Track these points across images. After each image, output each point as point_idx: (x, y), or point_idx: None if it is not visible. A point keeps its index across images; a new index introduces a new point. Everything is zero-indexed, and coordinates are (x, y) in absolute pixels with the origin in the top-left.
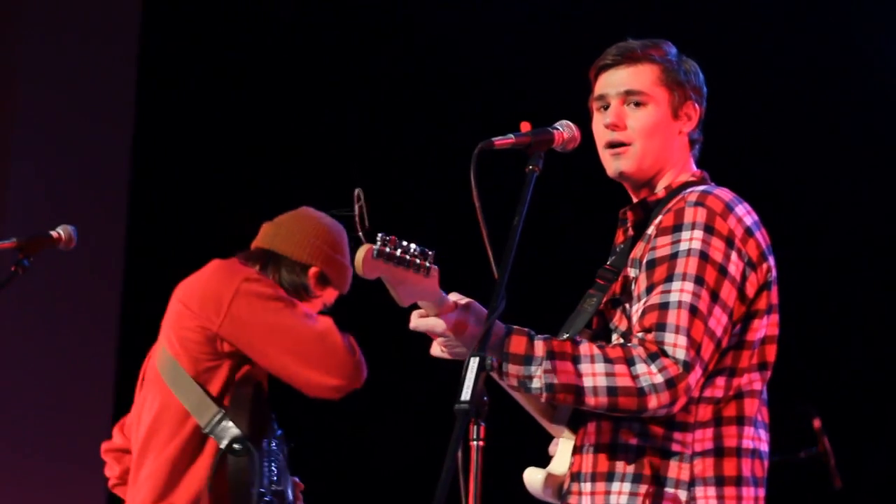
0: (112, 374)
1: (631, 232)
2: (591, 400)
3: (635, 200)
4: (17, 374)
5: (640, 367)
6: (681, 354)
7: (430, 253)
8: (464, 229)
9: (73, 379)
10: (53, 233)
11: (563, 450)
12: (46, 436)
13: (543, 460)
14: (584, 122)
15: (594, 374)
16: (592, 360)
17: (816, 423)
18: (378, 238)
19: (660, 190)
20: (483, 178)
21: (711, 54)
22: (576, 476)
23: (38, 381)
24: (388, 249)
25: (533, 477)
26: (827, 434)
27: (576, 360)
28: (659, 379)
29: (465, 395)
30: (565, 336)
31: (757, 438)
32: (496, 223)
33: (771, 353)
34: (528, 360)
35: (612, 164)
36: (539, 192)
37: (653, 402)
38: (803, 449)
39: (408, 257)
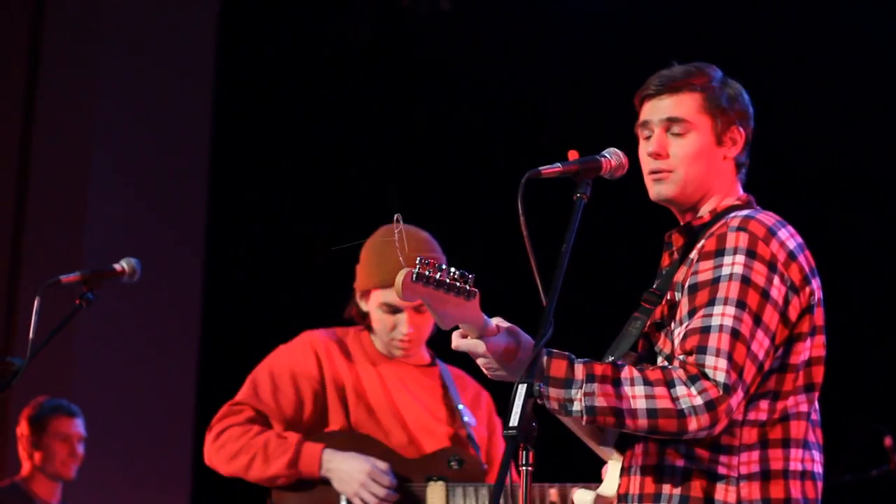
0: (192, 399)
1: (676, 255)
2: (631, 422)
3: (682, 223)
4: (103, 407)
5: (681, 390)
6: (721, 377)
7: (470, 276)
8: (513, 257)
9: (157, 404)
10: (117, 266)
11: (612, 472)
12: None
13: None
14: (632, 148)
15: (634, 397)
16: (632, 382)
17: (888, 441)
18: (417, 261)
19: (704, 213)
20: (532, 204)
21: (759, 75)
22: (623, 497)
23: (124, 411)
24: (427, 273)
25: (582, 499)
26: None
27: (616, 382)
28: (699, 401)
29: (514, 420)
30: (609, 359)
31: (809, 460)
32: (545, 250)
33: (818, 374)
34: (568, 383)
35: (654, 189)
36: (588, 216)
37: (693, 424)
38: (874, 467)
39: (448, 280)
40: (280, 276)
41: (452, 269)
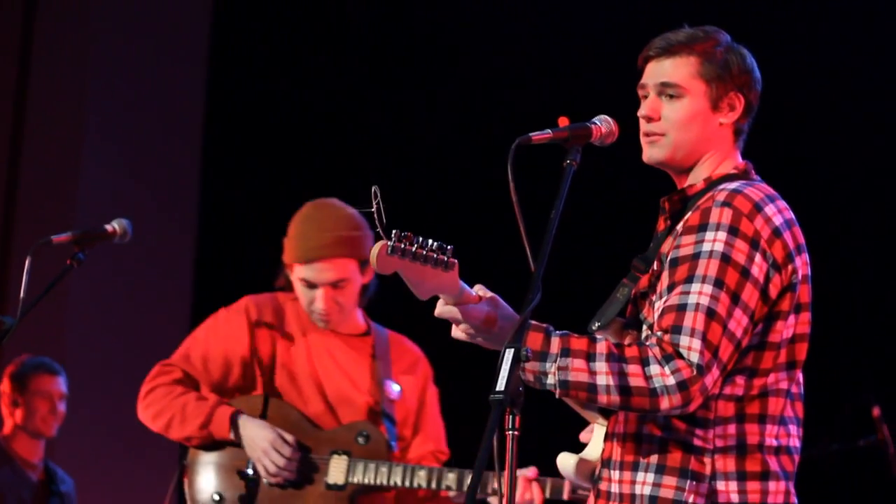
0: None
1: (668, 222)
2: (603, 398)
3: (678, 188)
4: (94, 367)
5: (654, 369)
6: (695, 357)
7: (448, 248)
8: (501, 223)
9: (148, 366)
10: (108, 227)
11: (597, 436)
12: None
13: (576, 447)
14: (626, 115)
15: (608, 373)
16: (608, 358)
17: (875, 411)
18: (392, 234)
19: (698, 181)
20: (521, 171)
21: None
22: (606, 463)
23: (114, 372)
24: (402, 245)
25: (566, 462)
26: (886, 423)
27: (590, 357)
28: (671, 381)
29: (500, 385)
30: (596, 325)
31: (784, 435)
32: (536, 217)
33: (801, 351)
34: (543, 356)
35: (647, 151)
36: (582, 181)
37: (664, 403)
38: (862, 437)
39: (424, 252)
40: (271, 241)
41: (430, 241)
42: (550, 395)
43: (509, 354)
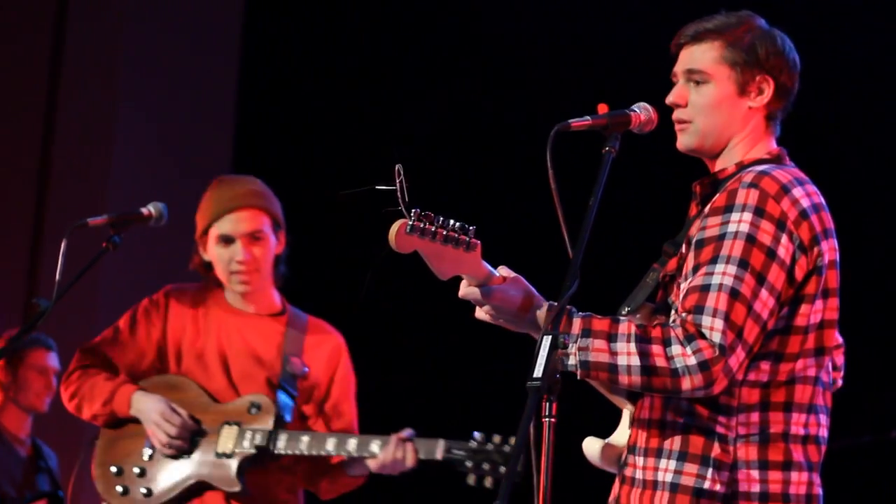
0: None
1: (700, 207)
2: (624, 378)
3: (711, 173)
4: None
5: (676, 349)
6: (717, 337)
7: (470, 228)
8: (540, 210)
9: None
10: (144, 210)
11: (624, 421)
12: None
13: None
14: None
15: (629, 353)
16: (629, 339)
17: None
18: (412, 213)
19: (730, 165)
20: (560, 158)
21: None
22: (631, 448)
23: None
24: (422, 224)
25: (592, 447)
26: None
27: (612, 338)
28: (692, 361)
29: (538, 372)
30: (625, 310)
31: (814, 424)
32: (576, 204)
33: (829, 338)
34: (564, 336)
35: (678, 139)
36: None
37: (686, 383)
38: (894, 429)
39: (445, 232)
40: (302, 223)
41: (452, 221)
42: (577, 378)
43: (547, 341)
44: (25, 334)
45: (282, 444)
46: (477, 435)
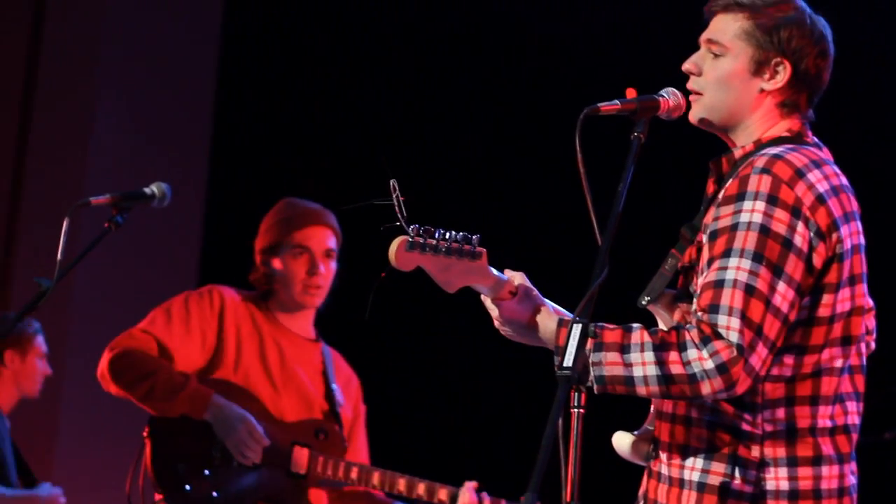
0: None
1: (716, 186)
2: (642, 389)
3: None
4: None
5: (692, 353)
6: (734, 337)
7: (473, 237)
8: (567, 196)
9: None
10: (147, 190)
11: (653, 413)
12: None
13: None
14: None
15: (644, 363)
16: (642, 348)
17: None
18: (411, 230)
19: (749, 143)
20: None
21: None
22: (657, 443)
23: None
24: (422, 240)
25: (621, 441)
26: None
27: (624, 349)
28: (710, 364)
29: (568, 360)
30: (646, 300)
31: (840, 414)
32: (602, 189)
33: (857, 326)
34: (595, 325)
35: (690, 110)
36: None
37: (706, 388)
38: (889, 430)
39: (447, 244)
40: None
41: (452, 233)
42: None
43: (577, 330)
44: (26, 314)
45: (354, 476)
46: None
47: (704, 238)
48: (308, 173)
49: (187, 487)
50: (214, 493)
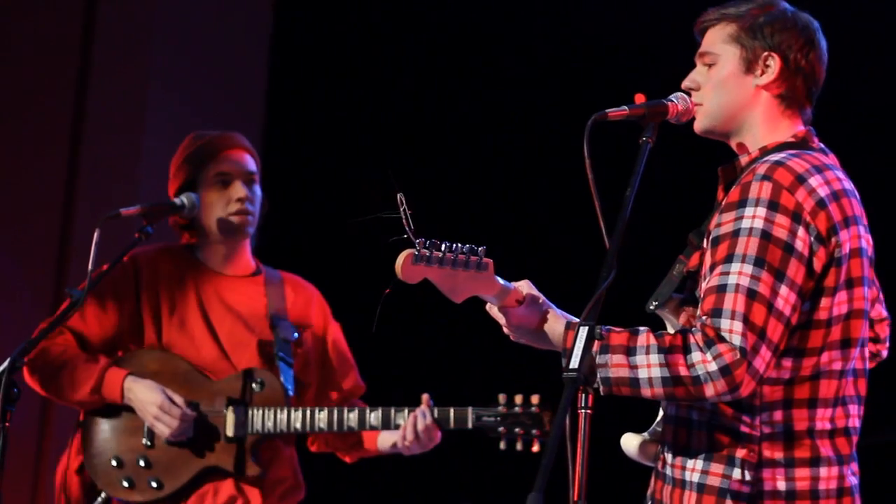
0: None
1: (725, 192)
2: (647, 391)
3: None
4: None
5: (696, 356)
6: (737, 340)
7: (480, 249)
8: (576, 201)
9: None
10: (177, 200)
11: (661, 415)
12: None
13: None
14: None
15: (649, 366)
16: (648, 350)
17: None
18: (417, 243)
19: (754, 150)
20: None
21: None
22: (663, 444)
23: None
24: (428, 253)
25: (630, 442)
26: None
27: (630, 351)
28: (713, 367)
29: (574, 363)
30: (654, 304)
31: (841, 416)
32: (610, 194)
33: (857, 328)
34: (602, 328)
35: (695, 123)
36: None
37: (709, 390)
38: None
39: (453, 256)
40: (333, 215)
41: (458, 245)
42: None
43: (583, 332)
44: (58, 325)
45: (298, 425)
46: (501, 398)
47: (707, 244)
48: (361, 171)
49: (125, 483)
50: (153, 483)
